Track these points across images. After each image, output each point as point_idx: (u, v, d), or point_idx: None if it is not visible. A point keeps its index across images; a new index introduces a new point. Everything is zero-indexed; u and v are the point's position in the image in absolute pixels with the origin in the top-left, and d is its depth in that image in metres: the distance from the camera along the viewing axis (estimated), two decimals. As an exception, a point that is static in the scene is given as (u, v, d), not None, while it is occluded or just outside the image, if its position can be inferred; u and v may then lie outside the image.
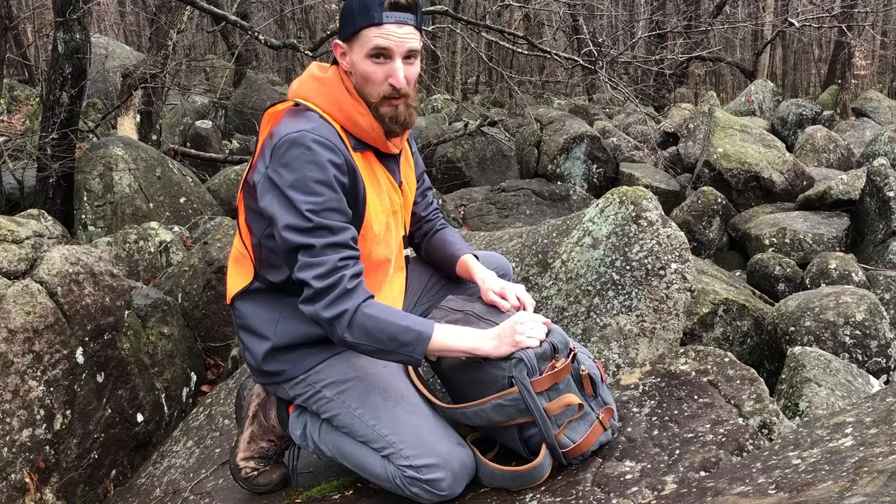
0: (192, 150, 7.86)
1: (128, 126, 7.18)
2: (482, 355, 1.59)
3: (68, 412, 2.38)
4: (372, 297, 1.58)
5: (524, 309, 1.75)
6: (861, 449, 1.09)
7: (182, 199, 5.50)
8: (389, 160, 1.75)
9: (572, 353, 1.62)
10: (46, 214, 4.63)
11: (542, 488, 1.61)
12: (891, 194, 5.05)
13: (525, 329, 1.57)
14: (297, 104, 1.66)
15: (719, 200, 6.06)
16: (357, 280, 1.56)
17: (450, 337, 1.59)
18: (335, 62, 1.69)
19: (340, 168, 1.56)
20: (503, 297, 1.77)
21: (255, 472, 1.93)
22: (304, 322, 1.66)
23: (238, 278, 1.75)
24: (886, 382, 3.20)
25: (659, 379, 1.88)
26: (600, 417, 1.64)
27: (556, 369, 1.57)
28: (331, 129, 1.59)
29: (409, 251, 1.92)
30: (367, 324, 1.53)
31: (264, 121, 1.68)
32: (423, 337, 1.55)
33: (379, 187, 1.69)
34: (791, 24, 14.13)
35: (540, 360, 1.57)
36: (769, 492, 1.07)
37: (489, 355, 1.58)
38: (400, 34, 1.59)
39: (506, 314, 1.72)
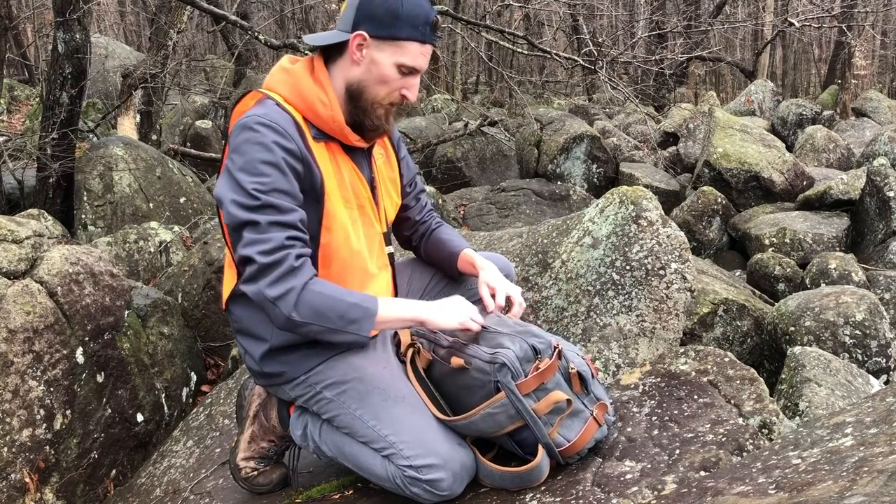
0: (192, 150, 7.87)
1: (128, 126, 7.18)
2: (423, 321, 1.62)
3: (68, 412, 2.38)
4: (316, 275, 1.57)
5: (514, 313, 1.77)
6: (861, 449, 1.09)
7: (182, 199, 5.50)
8: (357, 154, 1.73)
9: (556, 350, 1.62)
10: (46, 214, 4.63)
11: (542, 488, 1.61)
12: (891, 194, 5.05)
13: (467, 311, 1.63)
14: (256, 94, 1.67)
15: (719, 200, 6.06)
16: (303, 259, 1.54)
17: (394, 308, 1.61)
18: (323, 53, 1.67)
19: (291, 152, 1.55)
20: (493, 295, 1.78)
21: (256, 472, 1.93)
22: None
23: (229, 281, 1.75)
24: (886, 382, 3.20)
25: (659, 379, 1.88)
26: (594, 414, 1.64)
27: (540, 370, 1.57)
28: (285, 116, 1.59)
29: (391, 248, 1.89)
30: (315, 301, 1.52)
31: (232, 117, 1.69)
32: (371, 312, 1.56)
33: (341, 178, 1.68)
34: (791, 24, 14.13)
35: (523, 363, 1.57)
36: (769, 492, 1.07)
37: (431, 322, 1.62)
38: (429, 54, 1.63)
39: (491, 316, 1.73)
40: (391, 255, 1.86)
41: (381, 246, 1.80)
